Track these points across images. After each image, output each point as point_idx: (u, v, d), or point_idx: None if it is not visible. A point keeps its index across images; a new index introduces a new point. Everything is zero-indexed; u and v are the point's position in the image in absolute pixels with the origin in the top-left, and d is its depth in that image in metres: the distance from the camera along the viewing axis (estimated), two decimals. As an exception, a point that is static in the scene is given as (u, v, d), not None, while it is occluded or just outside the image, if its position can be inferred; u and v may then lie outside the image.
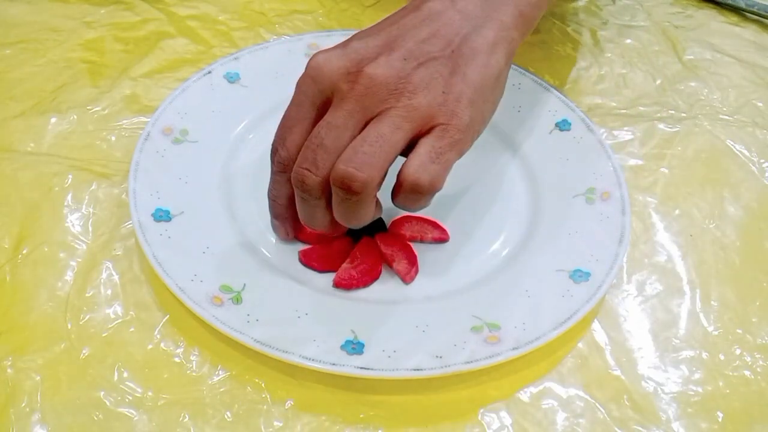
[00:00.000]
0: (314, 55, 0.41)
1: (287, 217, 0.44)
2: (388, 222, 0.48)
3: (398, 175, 0.40)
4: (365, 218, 0.41)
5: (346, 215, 0.40)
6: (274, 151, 0.42)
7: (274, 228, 0.46)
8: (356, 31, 0.43)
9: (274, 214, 0.45)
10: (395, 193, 0.40)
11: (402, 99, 0.40)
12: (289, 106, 0.42)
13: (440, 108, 0.40)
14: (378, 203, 0.42)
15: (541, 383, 0.43)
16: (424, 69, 0.40)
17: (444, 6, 0.43)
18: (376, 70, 0.40)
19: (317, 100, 0.41)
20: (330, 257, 0.46)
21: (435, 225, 0.48)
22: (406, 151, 0.40)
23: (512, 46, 0.44)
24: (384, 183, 0.40)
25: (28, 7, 0.60)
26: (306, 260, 0.46)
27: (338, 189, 0.39)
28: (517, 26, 0.44)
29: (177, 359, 0.42)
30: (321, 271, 0.45)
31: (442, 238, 0.47)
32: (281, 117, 0.42)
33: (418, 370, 0.40)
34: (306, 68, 0.41)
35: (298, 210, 0.42)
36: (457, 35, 0.42)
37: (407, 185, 0.39)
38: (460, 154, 0.41)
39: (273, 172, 0.43)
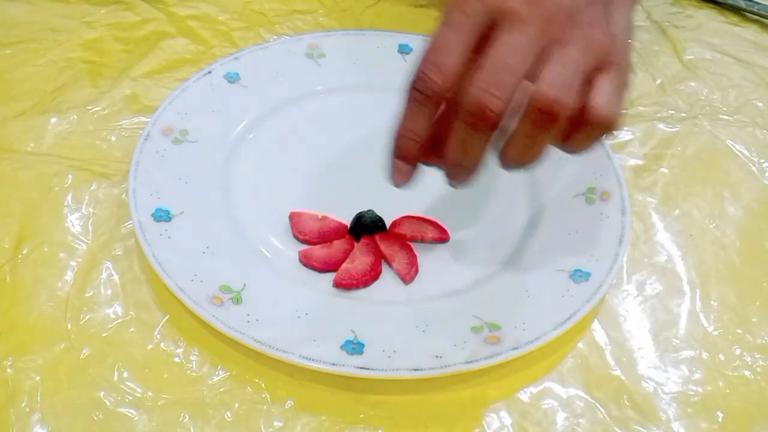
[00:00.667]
0: None
1: (414, 158, 0.38)
2: (388, 222, 0.48)
3: (583, 110, 0.36)
4: (539, 154, 0.37)
5: (524, 149, 0.37)
6: (421, 80, 0.36)
7: (392, 172, 0.38)
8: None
9: (403, 155, 0.38)
10: (574, 130, 0.37)
11: (583, 29, 0.37)
12: (441, 29, 0.36)
13: (613, 46, 0.38)
14: None
15: (541, 383, 0.43)
16: (592, 7, 0.38)
17: None
18: None
19: (482, 23, 0.36)
20: (330, 257, 0.46)
21: (435, 225, 0.48)
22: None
23: (635, 7, 0.42)
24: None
25: (28, 7, 0.60)
26: (306, 260, 0.45)
27: (536, 114, 0.35)
28: None
29: (177, 359, 0.42)
30: (321, 271, 0.45)
31: (442, 238, 0.47)
32: (429, 41, 0.36)
33: (417, 370, 0.40)
34: None
35: (454, 144, 0.37)
36: None
37: (598, 120, 0.36)
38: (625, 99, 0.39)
39: (414, 105, 0.37)
